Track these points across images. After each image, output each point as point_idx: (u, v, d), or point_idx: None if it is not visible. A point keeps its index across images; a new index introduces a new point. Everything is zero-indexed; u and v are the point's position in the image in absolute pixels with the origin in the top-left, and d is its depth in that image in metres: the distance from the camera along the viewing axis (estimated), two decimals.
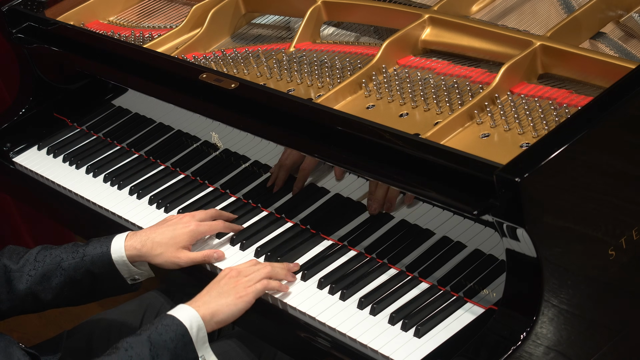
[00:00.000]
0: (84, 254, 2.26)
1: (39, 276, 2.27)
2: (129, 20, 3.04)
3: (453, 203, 1.94)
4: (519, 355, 1.82)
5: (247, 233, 2.36)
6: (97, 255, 2.25)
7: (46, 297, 2.28)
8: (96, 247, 2.27)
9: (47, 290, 2.27)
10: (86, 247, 2.27)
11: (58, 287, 2.27)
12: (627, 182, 1.93)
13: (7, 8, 2.93)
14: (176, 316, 2.05)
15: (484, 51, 2.30)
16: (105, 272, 2.26)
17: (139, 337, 2.02)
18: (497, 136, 2.09)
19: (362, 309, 2.07)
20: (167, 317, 2.06)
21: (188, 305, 2.08)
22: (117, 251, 2.25)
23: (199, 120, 2.54)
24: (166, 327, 2.03)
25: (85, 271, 2.26)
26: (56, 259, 2.27)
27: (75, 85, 3.00)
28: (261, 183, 2.45)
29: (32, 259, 2.28)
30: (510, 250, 1.86)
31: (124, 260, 2.25)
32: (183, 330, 2.03)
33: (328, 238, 2.28)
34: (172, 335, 2.02)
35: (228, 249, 2.34)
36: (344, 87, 2.32)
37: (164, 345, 2.01)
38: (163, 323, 2.04)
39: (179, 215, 2.35)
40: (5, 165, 2.95)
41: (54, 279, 2.27)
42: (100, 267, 2.26)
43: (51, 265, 2.27)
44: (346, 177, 2.25)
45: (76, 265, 2.26)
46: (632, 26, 2.29)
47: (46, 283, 2.27)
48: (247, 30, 2.82)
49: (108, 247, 2.25)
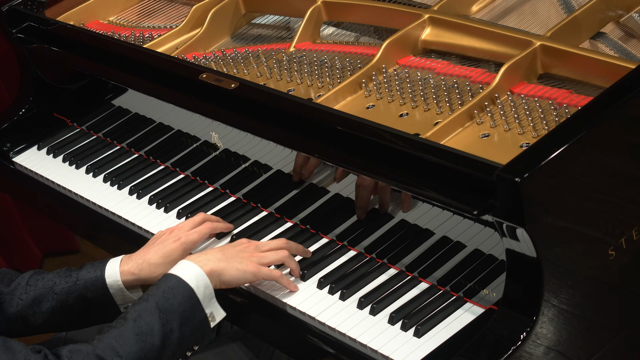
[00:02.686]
0: (77, 278, 2.22)
1: (30, 300, 2.22)
2: (129, 20, 3.04)
3: (453, 203, 1.94)
4: (519, 355, 1.82)
5: (247, 233, 2.36)
6: (91, 280, 2.20)
7: (36, 322, 2.23)
8: (90, 272, 2.22)
9: (37, 315, 2.23)
10: (79, 271, 2.23)
11: (49, 312, 2.22)
12: (627, 182, 1.93)
13: (7, 8, 2.93)
14: (181, 277, 2.03)
15: (484, 51, 2.30)
16: (98, 297, 2.21)
17: (146, 303, 2.00)
18: (497, 136, 2.09)
19: (361, 308, 2.07)
20: (171, 277, 2.04)
21: (192, 262, 2.06)
22: (112, 275, 2.20)
23: (199, 120, 2.54)
24: (172, 290, 2.02)
25: (78, 295, 2.21)
26: (48, 283, 2.23)
27: (75, 85, 3.00)
28: (261, 183, 2.45)
29: (23, 283, 2.24)
30: (510, 250, 1.86)
31: (119, 285, 2.20)
32: (190, 292, 2.02)
33: (328, 238, 2.28)
34: (179, 299, 2.01)
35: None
36: (344, 87, 2.32)
37: (172, 309, 2.00)
38: (169, 285, 2.02)
39: (166, 231, 2.30)
40: (5, 165, 2.95)
41: (45, 303, 2.22)
42: (93, 292, 2.21)
43: (43, 289, 2.22)
44: (346, 176, 2.25)
45: (69, 290, 2.21)
46: (632, 26, 2.29)
47: (37, 307, 2.22)
48: (247, 30, 2.82)
49: (102, 272, 2.20)
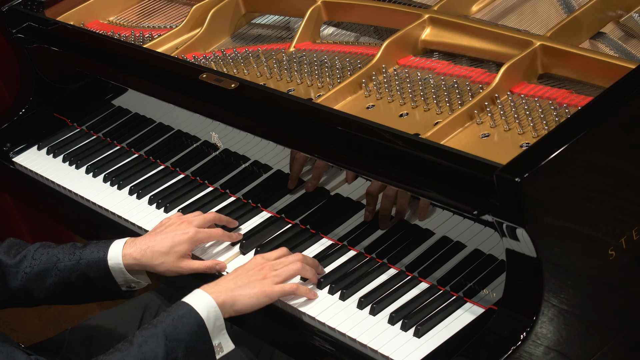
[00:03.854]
0: (80, 257, 2.24)
1: (35, 274, 2.25)
2: (129, 20, 3.04)
3: (453, 203, 1.94)
4: (519, 355, 1.82)
5: (247, 233, 2.36)
6: (94, 260, 2.22)
7: (39, 295, 2.28)
8: (93, 252, 2.24)
9: (40, 289, 2.27)
10: (83, 250, 2.25)
11: (52, 287, 2.26)
12: (627, 182, 1.93)
13: (7, 8, 2.93)
14: (193, 306, 2.02)
15: (484, 51, 2.30)
16: (100, 277, 2.23)
17: (154, 329, 1.99)
18: (497, 136, 2.09)
19: (361, 308, 2.07)
20: (183, 306, 2.02)
21: (206, 292, 2.04)
22: (114, 258, 2.22)
23: (199, 120, 2.54)
24: (182, 319, 2.00)
25: (81, 274, 2.24)
26: (53, 258, 2.26)
27: (75, 85, 3.00)
28: (261, 183, 2.45)
29: (29, 256, 2.27)
30: (510, 250, 1.86)
31: (121, 268, 2.22)
32: (199, 322, 2.00)
33: (328, 238, 2.28)
34: (188, 328, 1.99)
35: (228, 250, 2.33)
36: (344, 87, 2.32)
37: (179, 337, 1.98)
38: (179, 314, 2.01)
39: (176, 219, 2.31)
40: (5, 165, 2.95)
41: (49, 278, 2.25)
42: (95, 272, 2.23)
43: (47, 264, 2.25)
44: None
45: (72, 268, 2.24)
46: (632, 26, 2.29)
47: (40, 282, 2.25)
48: (247, 30, 2.82)
49: (105, 253, 2.22)
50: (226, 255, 2.32)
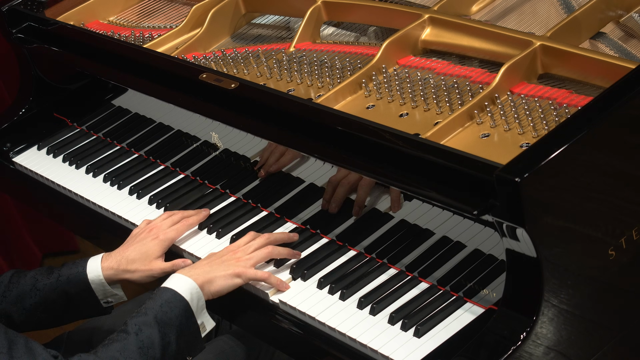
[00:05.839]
0: (59, 274, 2.30)
1: (14, 297, 2.30)
2: (129, 20, 3.04)
3: (453, 203, 1.94)
4: (519, 355, 1.82)
5: (246, 232, 2.36)
6: (73, 275, 2.28)
7: (19, 318, 2.30)
8: (71, 268, 2.30)
9: (20, 311, 2.30)
10: (61, 269, 2.31)
11: (32, 308, 2.30)
12: (627, 182, 1.93)
13: (7, 8, 2.93)
14: (177, 290, 2.11)
15: (484, 51, 2.30)
16: (80, 292, 2.29)
17: (145, 317, 2.07)
18: (497, 136, 2.09)
19: (361, 308, 2.07)
20: (167, 291, 2.11)
21: (185, 276, 2.13)
22: (94, 271, 2.29)
23: (199, 120, 2.54)
24: (169, 303, 2.09)
25: (61, 291, 2.29)
26: (30, 280, 2.31)
27: (75, 85, 3.00)
28: (261, 183, 2.45)
29: (5, 282, 2.32)
30: (510, 250, 1.86)
31: (101, 279, 2.28)
32: (185, 305, 2.10)
33: (328, 238, 2.28)
34: (176, 312, 2.09)
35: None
36: (344, 87, 2.32)
37: (170, 322, 2.08)
38: (165, 299, 2.09)
39: (144, 227, 2.38)
40: (5, 165, 2.95)
41: (28, 299, 2.29)
42: (75, 287, 2.29)
43: (25, 286, 2.30)
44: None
45: (51, 285, 2.29)
46: (632, 26, 2.29)
47: (20, 304, 2.29)
48: (247, 30, 2.82)
49: (84, 268, 2.29)
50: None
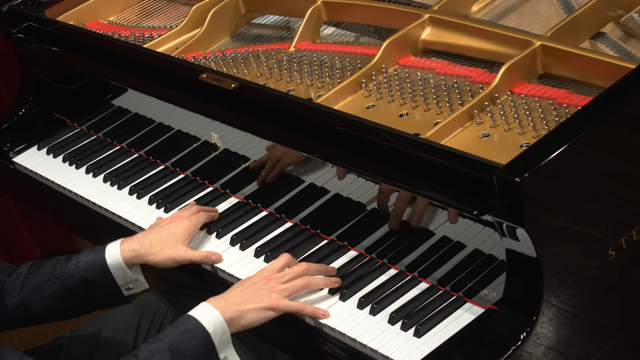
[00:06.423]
0: (77, 261, 2.25)
1: (32, 287, 2.25)
2: (129, 20, 3.04)
3: (453, 203, 1.94)
4: (519, 355, 1.82)
5: (247, 233, 2.36)
6: (92, 261, 2.24)
7: (38, 308, 2.26)
8: (89, 254, 2.25)
9: (39, 301, 2.25)
10: (79, 255, 2.27)
11: (51, 297, 2.25)
12: (627, 182, 1.93)
13: (7, 8, 2.93)
14: (199, 320, 1.99)
15: (484, 51, 2.30)
16: (100, 278, 2.24)
17: (160, 343, 1.96)
18: (497, 136, 2.09)
19: (361, 308, 2.07)
20: (189, 319, 2.00)
21: (213, 307, 2.02)
22: (113, 255, 2.24)
23: (199, 120, 2.54)
24: (189, 333, 1.97)
25: (80, 278, 2.24)
26: (49, 269, 2.26)
27: (75, 85, 3.00)
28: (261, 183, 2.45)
29: (24, 272, 2.27)
30: (510, 250, 1.86)
31: (120, 263, 2.23)
32: (206, 336, 1.98)
33: (328, 238, 2.28)
34: (195, 343, 1.97)
35: (228, 249, 2.34)
36: (344, 87, 2.32)
37: (186, 352, 1.96)
38: (185, 328, 1.98)
39: (166, 218, 2.36)
40: (5, 165, 2.95)
41: (46, 288, 2.25)
42: (94, 273, 2.23)
43: (44, 275, 2.26)
44: (346, 176, 2.24)
45: (70, 273, 2.24)
46: (632, 26, 2.29)
47: (38, 293, 2.25)
48: (247, 30, 2.82)
49: (103, 253, 2.24)
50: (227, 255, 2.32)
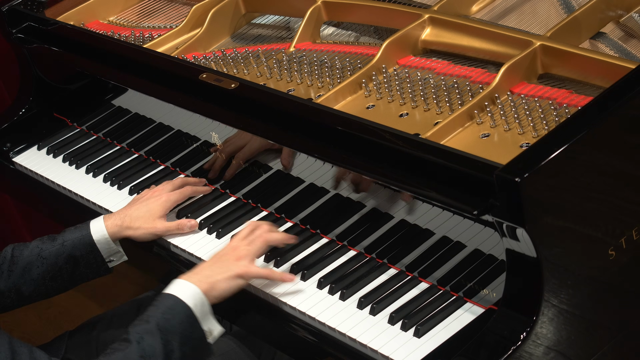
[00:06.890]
0: (63, 240, 2.34)
1: (20, 270, 2.32)
2: (129, 20, 3.04)
3: (453, 203, 1.94)
4: (519, 355, 1.82)
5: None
6: (78, 239, 2.33)
7: (27, 290, 2.33)
8: (74, 232, 2.35)
9: (28, 283, 2.33)
10: (63, 234, 2.35)
11: (40, 277, 2.33)
12: (627, 182, 1.93)
13: (7, 8, 2.93)
14: (179, 296, 2.06)
15: (484, 51, 2.30)
16: (86, 254, 2.34)
17: (147, 325, 2.01)
18: (497, 136, 2.09)
19: (361, 308, 2.07)
20: (169, 297, 2.06)
21: (188, 281, 2.09)
22: (98, 231, 2.34)
23: (199, 120, 2.54)
24: (171, 310, 2.04)
25: (67, 256, 2.32)
26: (35, 249, 2.33)
27: (75, 85, 3.00)
28: (261, 183, 2.45)
29: (8, 257, 2.34)
30: (510, 250, 1.86)
31: (107, 238, 2.34)
32: (188, 312, 2.05)
33: (328, 238, 2.28)
34: (179, 319, 2.03)
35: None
36: (344, 87, 2.32)
37: (173, 330, 2.02)
38: (167, 305, 2.05)
39: (147, 192, 2.46)
40: (5, 165, 2.95)
41: (35, 270, 2.31)
42: (81, 249, 2.33)
43: (31, 257, 2.33)
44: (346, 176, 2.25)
45: (57, 252, 2.32)
46: (632, 26, 2.29)
47: (28, 275, 2.32)
48: (247, 30, 2.82)
49: (87, 230, 2.34)
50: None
